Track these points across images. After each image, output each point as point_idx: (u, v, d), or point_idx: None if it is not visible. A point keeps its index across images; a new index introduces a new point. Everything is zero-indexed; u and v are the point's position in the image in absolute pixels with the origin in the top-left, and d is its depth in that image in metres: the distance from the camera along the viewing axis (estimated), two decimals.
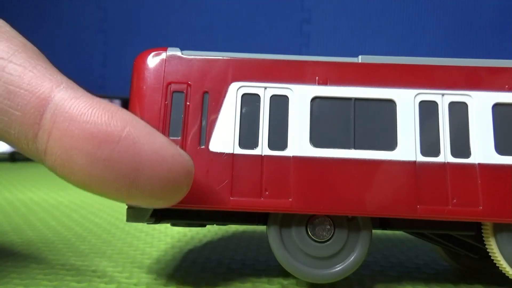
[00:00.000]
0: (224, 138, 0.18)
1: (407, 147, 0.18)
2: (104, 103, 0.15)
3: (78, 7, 1.29)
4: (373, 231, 0.19)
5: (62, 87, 0.15)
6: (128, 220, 0.19)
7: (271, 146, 0.18)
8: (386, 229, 0.20)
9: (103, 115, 0.14)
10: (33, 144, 0.15)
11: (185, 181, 0.16)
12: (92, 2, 1.29)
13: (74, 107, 0.14)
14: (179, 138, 0.18)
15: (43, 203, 0.42)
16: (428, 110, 0.19)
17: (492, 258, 0.19)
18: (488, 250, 0.19)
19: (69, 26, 1.26)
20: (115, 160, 0.14)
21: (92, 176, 0.14)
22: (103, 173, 0.14)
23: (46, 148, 0.14)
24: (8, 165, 0.92)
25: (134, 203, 0.16)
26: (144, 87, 0.18)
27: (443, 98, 0.19)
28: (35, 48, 0.16)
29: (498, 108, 0.18)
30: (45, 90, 0.14)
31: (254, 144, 0.18)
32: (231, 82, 0.19)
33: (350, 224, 0.19)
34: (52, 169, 0.15)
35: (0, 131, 0.15)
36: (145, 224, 0.32)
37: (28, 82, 0.14)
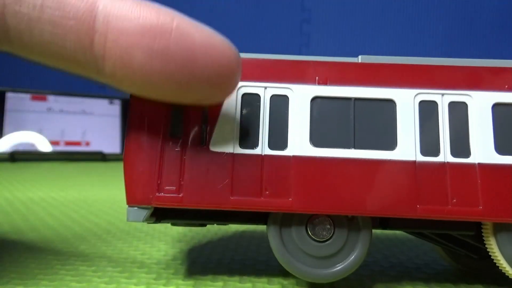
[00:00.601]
0: (224, 137, 0.18)
1: (407, 147, 0.18)
2: (148, 1, 0.15)
3: None
4: (373, 230, 0.19)
5: None
6: (128, 219, 0.19)
7: (271, 145, 0.18)
8: (386, 229, 0.20)
9: (151, 10, 0.15)
10: (90, 52, 0.15)
11: (237, 64, 0.16)
12: None
13: (123, 6, 0.15)
14: (180, 137, 0.18)
15: (43, 203, 0.42)
16: (428, 110, 0.19)
17: (492, 258, 0.19)
18: (488, 250, 0.19)
19: None
20: (172, 50, 0.15)
21: (153, 71, 0.15)
22: (163, 66, 0.15)
23: (105, 51, 0.15)
24: (8, 165, 0.92)
25: (194, 97, 0.16)
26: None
27: (443, 98, 0.19)
28: None
29: (498, 108, 0.18)
30: None
31: (254, 143, 0.18)
32: None
33: (350, 223, 0.19)
34: (112, 76, 0.15)
35: (56, 47, 0.15)
36: (145, 224, 0.32)
37: None
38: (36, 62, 0.16)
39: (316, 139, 0.18)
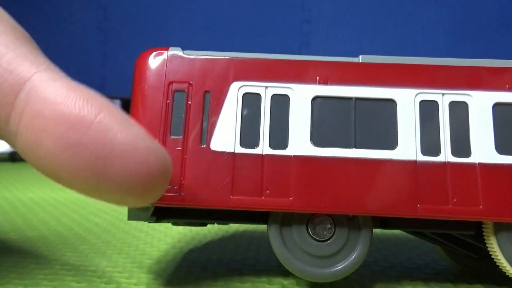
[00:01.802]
0: (225, 137, 0.18)
1: (407, 147, 0.18)
2: (82, 87, 0.14)
3: (78, 7, 1.29)
4: (373, 230, 0.19)
5: (42, 68, 0.14)
6: (129, 218, 0.19)
7: (272, 145, 0.18)
8: (386, 228, 0.20)
9: (78, 99, 0.14)
10: (6, 125, 0.14)
11: (160, 177, 0.14)
12: (92, 2, 1.29)
13: (49, 88, 0.14)
14: (181, 137, 0.18)
15: (43, 203, 0.42)
16: (428, 110, 0.19)
17: (492, 257, 0.19)
18: (488, 249, 0.19)
19: (69, 26, 1.26)
20: (84, 146, 0.13)
21: (59, 162, 0.13)
22: (71, 160, 0.13)
23: (18, 129, 0.14)
24: (8, 165, 0.92)
25: (103, 198, 0.15)
26: (146, 87, 0.18)
27: (444, 98, 0.19)
28: (25, 33, 0.15)
29: (498, 108, 0.18)
30: (24, 70, 0.14)
31: (255, 143, 0.18)
32: (232, 82, 0.19)
33: (350, 223, 0.19)
34: (23, 153, 0.14)
35: None
36: (145, 224, 0.32)
37: (8, 62, 0.14)
38: None
39: (317, 139, 0.18)
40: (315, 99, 0.19)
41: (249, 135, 0.18)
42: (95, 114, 0.13)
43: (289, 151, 0.18)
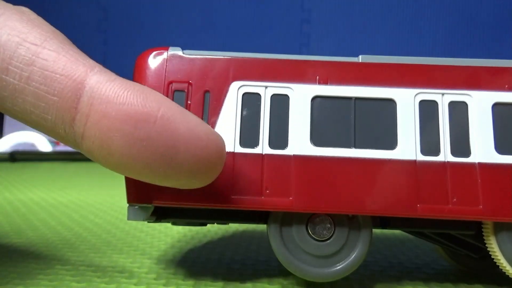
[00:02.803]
0: (225, 137, 0.18)
1: (407, 146, 0.18)
2: (137, 85, 0.15)
3: (78, 7, 1.29)
4: (373, 230, 0.19)
5: (96, 70, 0.15)
6: (129, 218, 0.19)
7: (272, 145, 0.18)
8: (386, 228, 0.20)
9: (138, 96, 0.15)
10: (70, 128, 0.15)
11: (219, 158, 0.16)
12: (92, 2, 1.29)
13: (110, 89, 0.15)
14: None
15: (43, 203, 0.42)
16: (428, 110, 0.19)
17: (492, 257, 0.19)
18: (488, 249, 0.19)
19: (69, 26, 1.26)
20: (153, 139, 0.14)
21: (130, 157, 0.14)
22: (141, 153, 0.14)
23: (84, 131, 0.15)
24: (8, 165, 0.92)
25: (170, 183, 0.16)
26: (146, 86, 0.18)
27: (443, 98, 0.19)
28: (63, 35, 0.16)
29: (498, 108, 0.18)
30: (81, 74, 0.15)
31: (254, 143, 0.18)
32: (232, 82, 0.19)
33: (350, 223, 0.19)
34: (90, 153, 0.15)
35: (37, 117, 0.15)
36: (145, 224, 0.32)
37: (63, 67, 0.15)
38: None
39: (317, 138, 0.18)
40: (315, 99, 0.19)
41: (249, 134, 0.18)
42: (157, 109, 0.14)
43: (289, 151, 0.18)
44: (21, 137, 1.05)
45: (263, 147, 0.18)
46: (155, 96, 0.15)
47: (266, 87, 0.19)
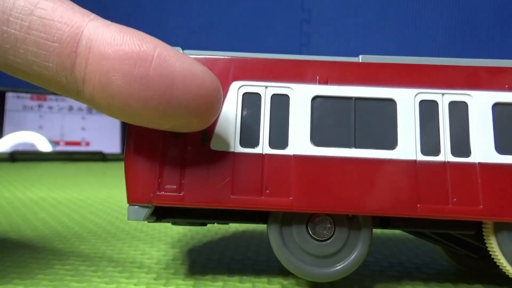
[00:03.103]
0: (225, 136, 0.18)
1: (407, 146, 0.18)
2: (132, 29, 0.16)
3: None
4: (373, 230, 0.19)
5: (92, 17, 0.16)
6: (129, 218, 0.19)
7: (272, 144, 0.18)
8: (386, 228, 0.20)
9: (134, 38, 0.15)
10: (71, 74, 0.15)
11: (216, 96, 0.16)
12: (92, 2, 1.29)
13: (107, 32, 0.15)
14: (181, 136, 0.18)
15: (43, 203, 0.42)
16: (428, 110, 0.19)
17: (492, 257, 0.19)
18: (488, 249, 0.19)
19: None
20: (151, 77, 0.15)
21: (131, 96, 0.15)
22: (141, 92, 0.15)
23: (85, 74, 0.15)
24: (8, 165, 0.92)
25: (171, 123, 0.16)
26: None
27: (443, 98, 0.19)
28: None
29: (498, 108, 0.18)
30: (78, 20, 0.15)
31: (255, 142, 0.18)
32: (232, 81, 0.19)
33: (350, 223, 0.19)
34: (91, 98, 0.15)
35: (39, 67, 0.15)
36: (145, 224, 0.32)
37: (61, 15, 0.15)
38: (18, 77, 0.16)
39: (317, 138, 0.18)
40: (315, 99, 0.19)
41: (249, 134, 0.18)
42: (153, 48, 0.15)
43: (289, 151, 0.18)
44: (21, 137, 1.05)
45: (263, 147, 0.18)
46: (150, 38, 0.16)
47: (266, 87, 0.19)
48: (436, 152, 0.18)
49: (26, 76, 0.16)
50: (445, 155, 0.18)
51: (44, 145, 1.07)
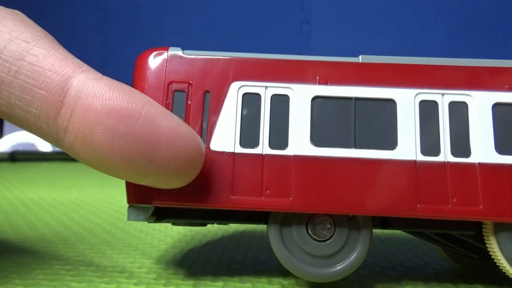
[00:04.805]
0: (225, 137, 0.18)
1: (407, 147, 0.18)
2: (123, 85, 0.16)
3: (78, 7, 1.29)
4: (373, 230, 0.19)
5: (84, 69, 0.16)
6: (129, 218, 0.19)
7: (272, 145, 0.18)
8: (386, 229, 0.20)
9: (124, 94, 0.15)
10: (53, 122, 0.15)
11: (198, 158, 0.16)
12: (92, 2, 1.29)
13: (97, 86, 0.15)
14: None
15: (43, 203, 0.42)
16: (428, 110, 0.19)
17: (492, 257, 0.19)
18: (488, 249, 0.19)
19: (69, 26, 1.26)
20: (136, 134, 0.15)
21: (112, 152, 0.15)
22: (124, 148, 0.15)
23: (68, 124, 0.15)
24: (8, 165, 0.92)
25: (149, 181, 0.16)
26: (146, 87, 0.18)
27: (443, 98, 0.19)
28: (53, 38, 0.17)
29: (498, 108, 0.18)
30: (69, 70, 0.15)
31: (255, 143, 0.18)
32: (232, 82, 0.19)
33: (350, 223, 0.19)
34: (71, 147, 0.15)
35: (21, 110, 0.15)
36: (145, 224, 0.32)
37: (52, 63, 0.15)
38: None
39: (317, 139, 0.18)
40: (315, 99, 0.19)
41: (249, 135, 0.18)
42: (141, 106, 0.15)
43: (289, 151, 0.18)
44: (21, 137, 1.05)
45: (263, 148, 0.18)
46: (140, 96, 0.16)
47: (266, 87, 0.19)
48: (436, 152, 0.18)
49: (6, 117, 0.16)
50: (445, 155, 0.18)
51: (44, 145, 1.07)
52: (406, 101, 0.19)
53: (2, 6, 0.17)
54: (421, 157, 0.18)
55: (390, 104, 0.19)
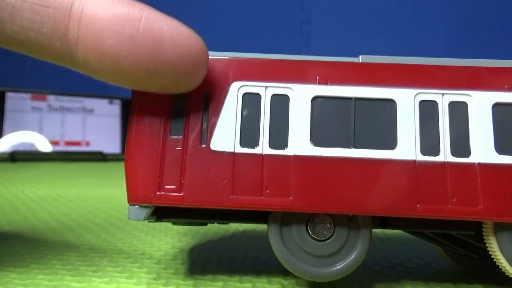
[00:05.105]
0: (225, 137, 0.18)
1: (407, 147, 0.18)
2: None
3: None
4: (373, 230, 0.19)
5: None
6: (129, 218, 0.19)
7: (272, 145, 0.18)
8: (386, 228, 0.20)
9: (123, 2, 0.16)
10: (65, 37, 0.16)
11: (203, 55, 0.17)
12: None
13: None
14: (181, 137, 0.18)
15: (43, 203, 0.42)
16: (428, 110, 0.19)
17: (492, 257, 0.19)
18: (488, 249, 0.19)
19: None
20: (140, 36, 0.16)
21: (122, 55, 0.16)
22: (131, 50, 0.16)
23: (78, 36, 0.16)
24: (8, 165, 0.92)
25: (161, 83, 0.17)
26: None
27: (443, 98, 0.19)
28: None
29: (498, 108, 0.18)
30: None
31: (254, 143, 0.18)
32: (232, 82, 0.19)
33: (350, 223, 0.19)
34: (84, 60, 0.16)
35: (34, 33, 0.16)
36: (145, 224, 0.32)
37: None
38: (13, 50, 0.17)
39: (317, 139, 0.18)
40: (315, 99, 0.19)
41: (249, 135, 0.18)
42: (141, 10, 0.16)
43: (289, 151, 0.18)
44: (21, 137, 1.05)
45: (263, 147, 0.18)
46: (137, 3, 0.17)
47: (266, 87, 0.19)
48: (436, 152, 0.18)
49: (22, 46, 0.17)
50: (445, 155, 0.18)
51: (44, 145, 1.07)
52: (406, 101, 0.19)
53: None
54: (421, 157, 0.18)
55: (390, 104, 0.19)
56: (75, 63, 0.17)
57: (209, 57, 0.19)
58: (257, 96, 0.19)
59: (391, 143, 0.18)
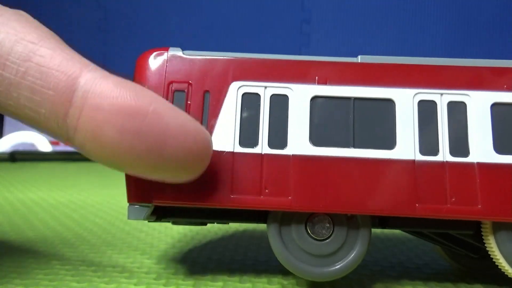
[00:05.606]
0: (224, 136, 0.18)
1: (406, 146, 0.18)
2: (130, 82, 0.16)
3: (78, 7, 1.29)
4: (373, 230, 0.19)
5: (90, 68, 0.16)
6: (129, 217, 0.19)
7: (271, 144, 0.18)
8: (385, 228, 0.20)
9: (131, 92, 0.15)
10: (63, 122, 0.15)
11: (206, 153, 0.17)
12: (92, 2, 1.29)
13: (104, 85, 0.15)
14: None
15: (43, 203, 0.42)
16: (427, 110, 0.19)
17: (491, 257, 0.19)
18: (487, 249, 0.19)
19: (69, 26, 1.26)
20: (144, 132, 0.15)
21: (121, 149, 0.15)
22: (132, 146, 0.15)
23: (77, 124, 0.15)
24: (8, 165, 0.92)
25: (158, 175, 0.16)
26: (146, 86, 0.18)
27: (442, 98, 0.19)
28: (59, 37, 0.17)
29: (496, 108, 0.18)
30: (76, 70, 0.15)
31: (254, 142, 0.18)
32: (231, 82, 0.19)
33: (349, 222, 0.19)
34: (82, 146, 0.16)
35: (31, 111, 0.15)
36: (145, 224, 0.32)
37: (59, 64, 0.15)
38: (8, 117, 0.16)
39: (316, 138, 0.18)
40: (314, 99, 0.19)
41: (248, 134, 0.18)
42: (149, 103, 0.15)
43: (288, 151, 0.18)
44: (21, 137, 1.05)
45: (263, 147, 0.18)
46: (147, 93, 0.16)
47: (265, 87, 0.19)
48: (435, 152, 0.18)
49: (16, 117, 0.16)
50: (444, 155, 0.18)
51: (44, 145, 1.07)
52: (405, 101, 0.19)
53: (5, 6, 0.17)
54: (420, 157, 0.18)
55: (389, 104, 0.19)
56: (72, 144, 0.16)
57: (209, 57, 0.19)
58: (256, 96, 0.19)
59: (390, 143, 0.18)
